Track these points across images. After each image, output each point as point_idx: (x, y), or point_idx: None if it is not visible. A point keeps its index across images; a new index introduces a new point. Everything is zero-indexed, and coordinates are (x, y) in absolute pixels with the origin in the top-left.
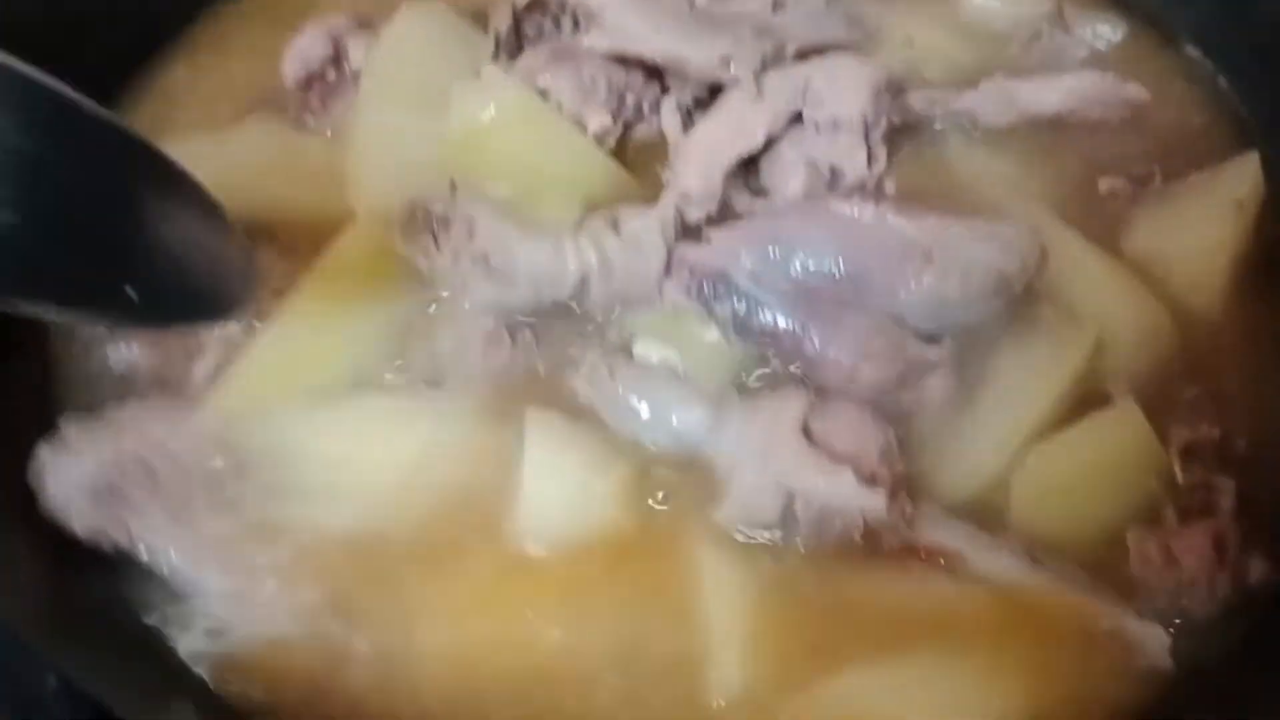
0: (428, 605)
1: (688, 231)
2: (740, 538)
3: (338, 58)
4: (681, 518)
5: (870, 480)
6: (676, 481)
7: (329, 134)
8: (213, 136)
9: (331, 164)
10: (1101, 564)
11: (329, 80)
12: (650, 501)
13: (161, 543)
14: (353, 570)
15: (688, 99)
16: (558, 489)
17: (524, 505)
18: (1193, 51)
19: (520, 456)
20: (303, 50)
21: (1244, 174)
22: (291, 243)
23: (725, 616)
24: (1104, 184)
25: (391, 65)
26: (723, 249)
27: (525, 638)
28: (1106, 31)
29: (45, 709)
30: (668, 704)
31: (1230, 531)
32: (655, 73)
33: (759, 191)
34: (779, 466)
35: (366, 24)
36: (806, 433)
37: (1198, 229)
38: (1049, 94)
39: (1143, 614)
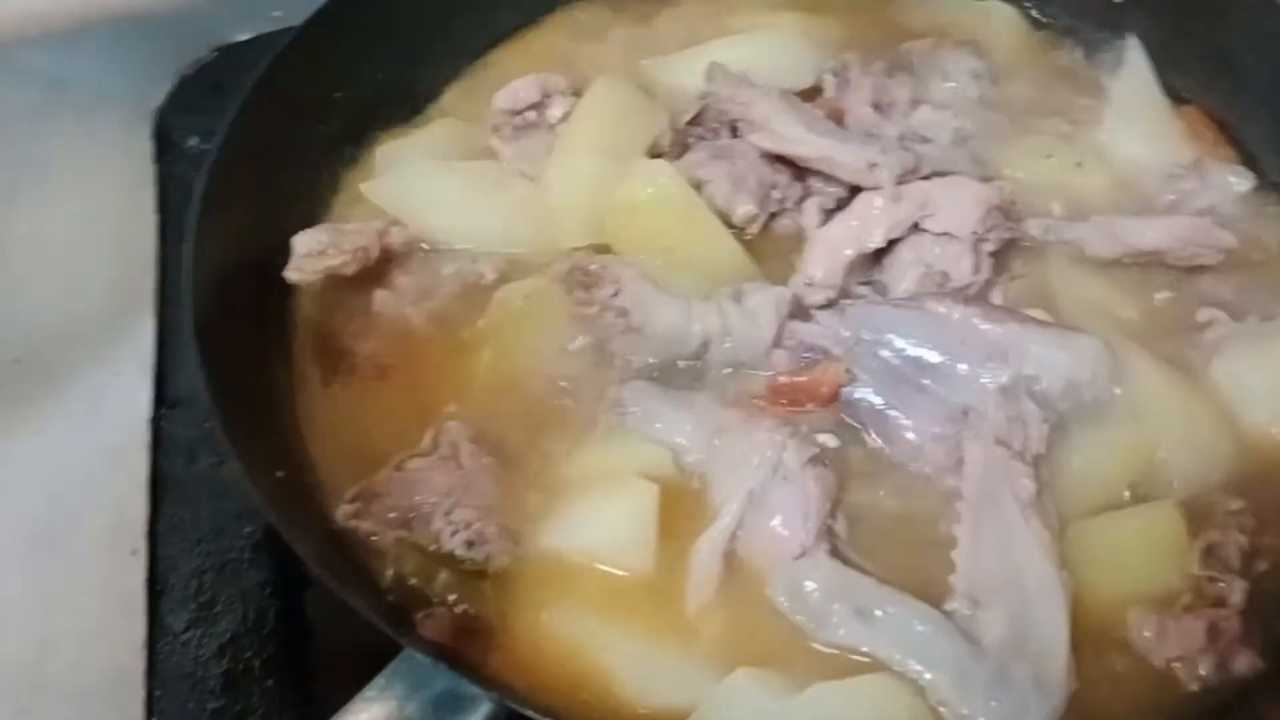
0: None
1: (802, 312)
2: None
3: (541, 106)
4: None
5: None
6: None
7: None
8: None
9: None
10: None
11: (528, 120)
12: None
13: None
14: None
15: (830, 202)
16: None
17: None
18: None
19: None
20: (516, 89)
21: None
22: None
23: None
24: (1202, 314)
25: (590, 122)
26: (826, 328)
27: None
28: (1234, 182)
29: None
30: None
31: (1230, 623)
32: (801, 174)
33: (879, 287)
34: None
35: (575, 90)
36: None
37: None
38: (1148, 232)
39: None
